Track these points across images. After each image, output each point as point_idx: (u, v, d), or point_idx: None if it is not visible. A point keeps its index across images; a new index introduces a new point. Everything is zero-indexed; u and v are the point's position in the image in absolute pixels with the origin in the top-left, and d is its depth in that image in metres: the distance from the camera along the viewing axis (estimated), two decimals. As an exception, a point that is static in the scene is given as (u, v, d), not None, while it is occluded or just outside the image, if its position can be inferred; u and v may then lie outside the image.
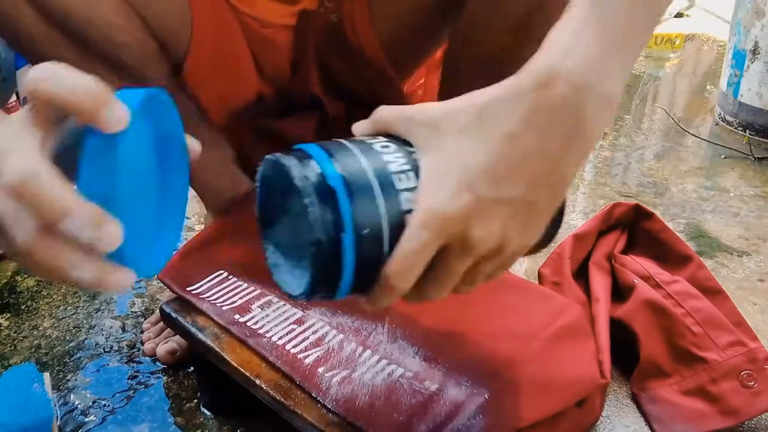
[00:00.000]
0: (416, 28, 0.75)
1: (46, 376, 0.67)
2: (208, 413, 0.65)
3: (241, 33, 0.72)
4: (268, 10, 0.71)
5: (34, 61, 0.65)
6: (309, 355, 0.53)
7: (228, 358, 0.54)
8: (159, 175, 0.40)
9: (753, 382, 0.58)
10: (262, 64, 0.76)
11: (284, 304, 0.59)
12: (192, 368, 0.69)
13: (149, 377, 0.70)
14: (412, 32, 0.75)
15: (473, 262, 0.38)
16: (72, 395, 0.68)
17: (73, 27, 0.61)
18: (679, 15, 2.26)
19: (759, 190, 1.11)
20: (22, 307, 0.83)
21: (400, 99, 0.78)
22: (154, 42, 0.67)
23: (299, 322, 0.57)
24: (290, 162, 0.35)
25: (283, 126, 0.77)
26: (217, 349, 0.55)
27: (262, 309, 0.59)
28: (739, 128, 1.32)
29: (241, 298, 0.60)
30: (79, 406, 0.66)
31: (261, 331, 0.56)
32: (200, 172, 0.69)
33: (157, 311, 0.71)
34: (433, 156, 0.37)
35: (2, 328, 0.79)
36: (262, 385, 0.51)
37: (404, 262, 0.36)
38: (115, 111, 0.32)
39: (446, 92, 0.77)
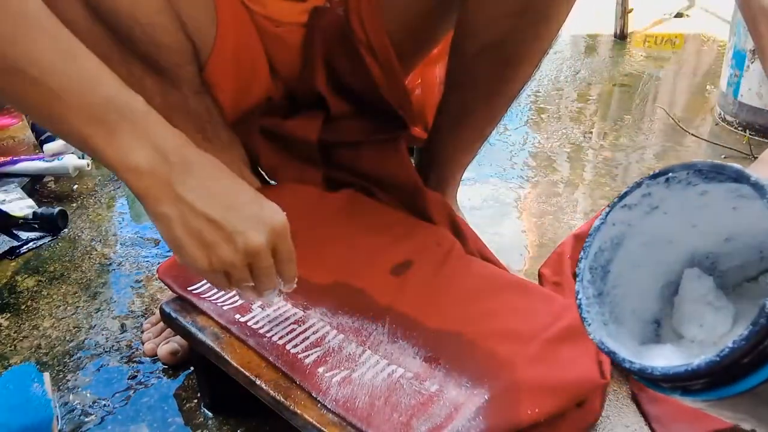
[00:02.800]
0: (422, 19, 0.75)
1: (46, 376, 0.67)
2: (208, 413, 0.65)
3: (256, 34, 0.72)
4: (279, 9, 0.71)
5: None
6: (309, 355, 0.53)
7: (228, 358, 0.54)
8: None
9: (753, 383, 0.58)
10: (276, 64, 0.76)
11: (285, 304, 0.59)
12: (192, 368, 0.69)
13: (149, 377, 0.70)
14: (418, 22, 0.75)
15: None
16: (72, 395, 0.68)
17: (119, 25, 0.61)
18: (679, 15, 2.26)
19: (759, 190, 1.11)
20: (22, 307, 0.83)
21: (404, 96, 0.78)
22: (189, 43, 0.67)
23: (300, 322, 0.57)
24: None
25: (288, 126, 0.77)
26: (218, 349, 0.55)
27: (262, 309, 0.59)
28: (739, 128, 1.31)
29: (241, 298, 0.60)
30: (79, 406, 0.66)
31: (261, 331, 0.56)
32: None
33: (157, 311, 0.71)
34: None
35: (2, 328, 0.79)
36: (262, 385, 0.51)
37: None
38: None
39: (453, 81, 0.77)
